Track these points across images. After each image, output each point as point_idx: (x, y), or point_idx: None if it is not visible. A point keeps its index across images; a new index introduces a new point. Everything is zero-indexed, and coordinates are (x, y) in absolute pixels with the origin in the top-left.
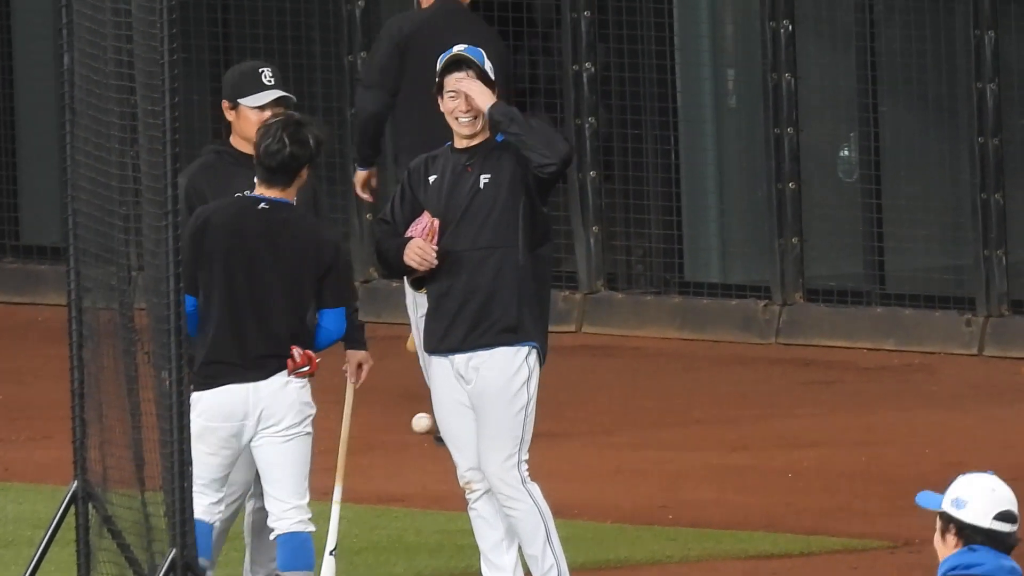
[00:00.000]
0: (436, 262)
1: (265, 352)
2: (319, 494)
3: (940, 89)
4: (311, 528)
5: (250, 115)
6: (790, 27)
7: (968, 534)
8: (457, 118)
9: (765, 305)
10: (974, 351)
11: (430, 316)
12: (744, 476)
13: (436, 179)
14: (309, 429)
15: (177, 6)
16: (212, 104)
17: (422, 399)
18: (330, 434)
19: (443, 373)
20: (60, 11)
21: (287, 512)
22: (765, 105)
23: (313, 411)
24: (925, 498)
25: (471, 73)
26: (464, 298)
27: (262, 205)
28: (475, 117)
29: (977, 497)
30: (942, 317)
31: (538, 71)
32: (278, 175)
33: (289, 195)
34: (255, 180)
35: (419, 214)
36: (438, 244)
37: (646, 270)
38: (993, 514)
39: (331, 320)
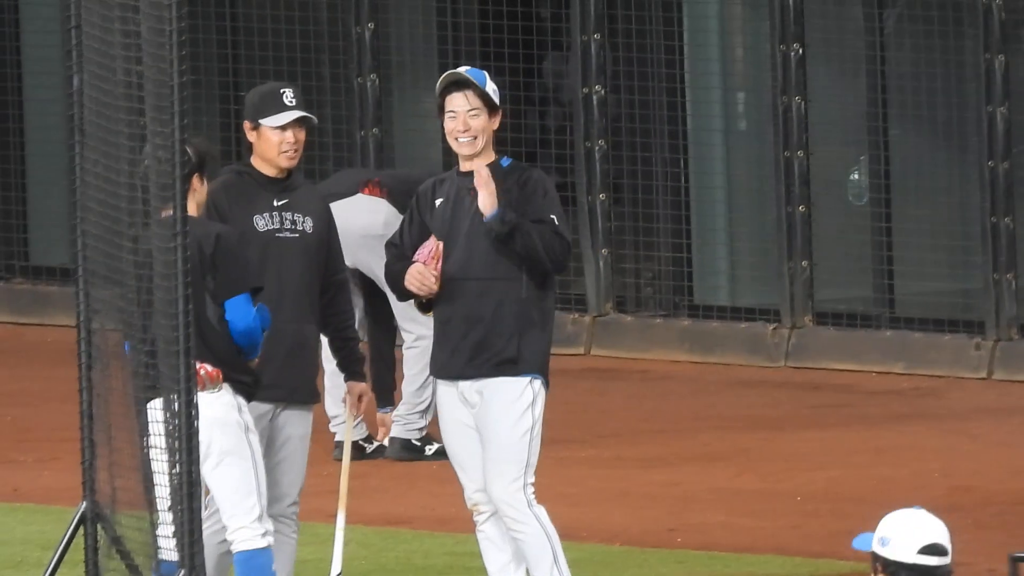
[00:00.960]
0: (436, 288)
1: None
2: (324, 516)
3: (950, 113)
4: (262, 544)
5: (271, 135)
6: (800, 51)
7: (894, 570)
8: (456, 138)
9: (774, 328)
10: (983, 375)
11: (436, 341)
12: (752, 499)
13: (442, 202)
14: (242, 450)
15: (186, 29)
16: (221, 127)
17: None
18: (327, 454)
19: (449, 396)
20: (70, 33)
21: (235, 533)
22: (775, 128)
23: (243, 425)
24: (860, 541)
25: (470, 94)
26: (466, 327)
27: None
28: (474, 137)
29: (900, 533)
30: (951, 341)
31: (548, 94)
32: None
33: (188, 210)
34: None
35: (427, 237)
36: (441, 268)
37: (655, 293)
38: (918, 548)
39: (232, 311)
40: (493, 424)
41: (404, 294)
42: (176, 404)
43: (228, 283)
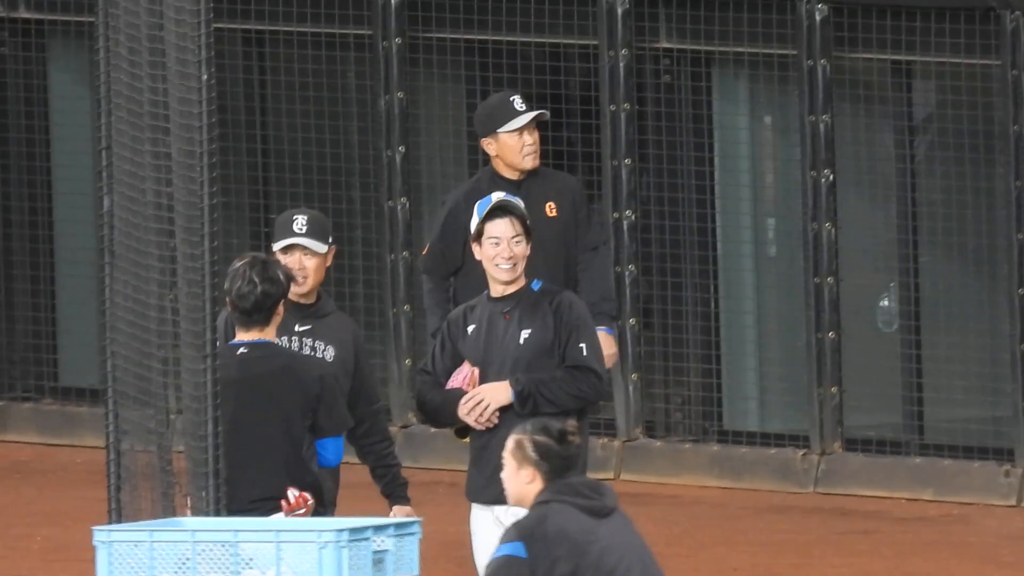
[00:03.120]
0: (496, 422)
1: (259, 495)
2: None
3: (980, 240)
4: None
5: (279, 259)
6: (831, 176)
7: None
8: (498, 264)
9: (803, 454)
10: (1013, 502)
11: (472, 465)
12: None
13: (474, 329)
14: None
15: (217, 150)
16: (251, 248)
17: (459, 545)
18: None
19: (484, 520)
20: (100, 154)
21: None
22: (805, 254)
23: None
24: None
25: (514, 220)
26: (503, 452)
27: (241, 350)
28: (515, 264)
29: None
30: (980, 468)
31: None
32: (254, 316)
33: (268, 334)
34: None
35: (459, 364)
36: None
37: (684, 418)
38: None
39: (328, 449)
40: None
41: (442, 422)
42: None
43: (330, 422)
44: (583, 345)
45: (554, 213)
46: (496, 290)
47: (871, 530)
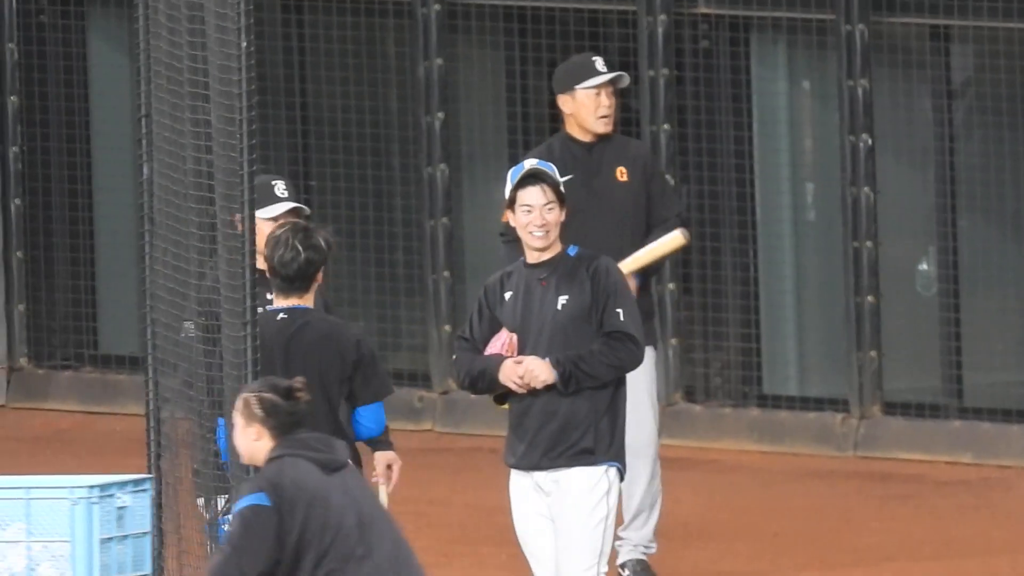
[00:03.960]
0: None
1: None
2: None
3: (1019, 204)
4: None
5: (263, 228)
6: (870, 141)
7: None
8: (532, 232)
9: (843, 418)
10: None
11: (511, 431)
12: None
13: (511, 296)
14: None
15: (256, 118)
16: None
17: (499, 511)
18: None
19: (523, 486)
20: (140, 122)
21: None
22: (844, 219)
23: None
24: None
25: (546, 188)
26: (543, 419)
27: (281, 316)
28: (548, 231)
29: None
30: (1020, 431)
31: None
32: (296, 283)
33: (307, 301)
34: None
35: (497, 331)
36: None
37: (724, 383)
38: None
39: (368, 417)
40: (569, 513)
41: (481, 388)
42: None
43: (369, 389)
44: (620, 311)
45: (624, 178)
46: (532, 256)
47: (910, 494)
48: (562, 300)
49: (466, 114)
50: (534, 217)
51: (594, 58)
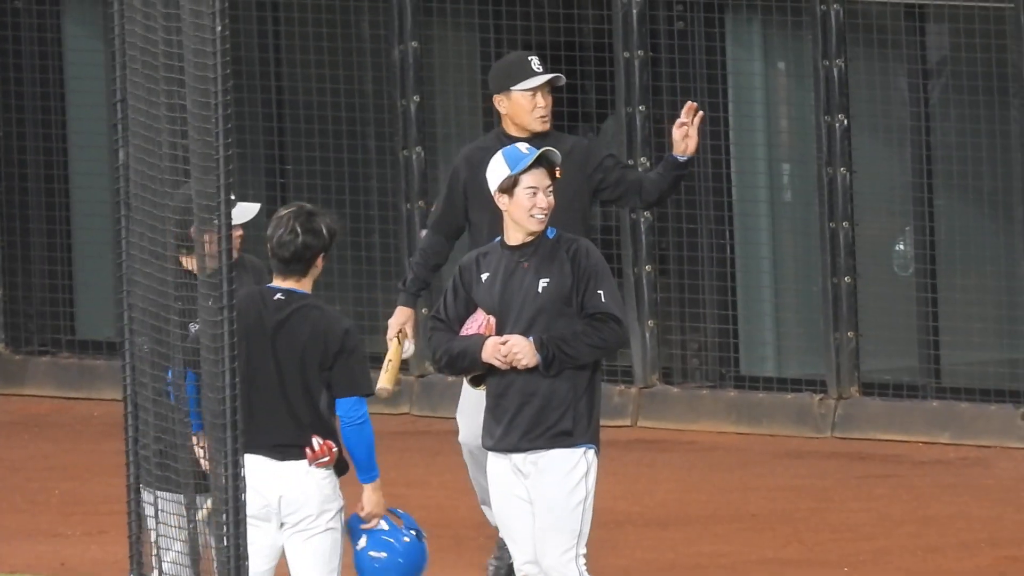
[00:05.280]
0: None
1: (284, 441)
2: None
3: (995, 183)
4: None
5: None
6: (845, 121)
7: None
8: (533, 215)
9: (820, 399)
10: None
11: (488, 414)
12: (800, 570)
13: (489, 277)
14: (334, 525)
15: (232, 102)
16: (267, 199)
17: (475, 494)
18: None
19: (501, 468)
20: (115, 107)
21: None
22: (820, 199)
23: (338, 504)
24: None
25: (547, 173)
26: (521, 401)
27: (278, 295)
28: (546, 215)
29: None
30: (998, 411)
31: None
32: (292, 265)
33: (305, 285)
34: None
35: (472, 311)
36: None
37: (701, 364)
38: None
39: (344, 408)
40: (548, 494)
41: (457, 369)
42: (223, 478)
43: (345, 381)
44: (601, 292)
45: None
46: (515, 238)
47: (889, 474)
48: (543, 283)
49: (442, 96)
50: (538, 199)
51: (530, 57)
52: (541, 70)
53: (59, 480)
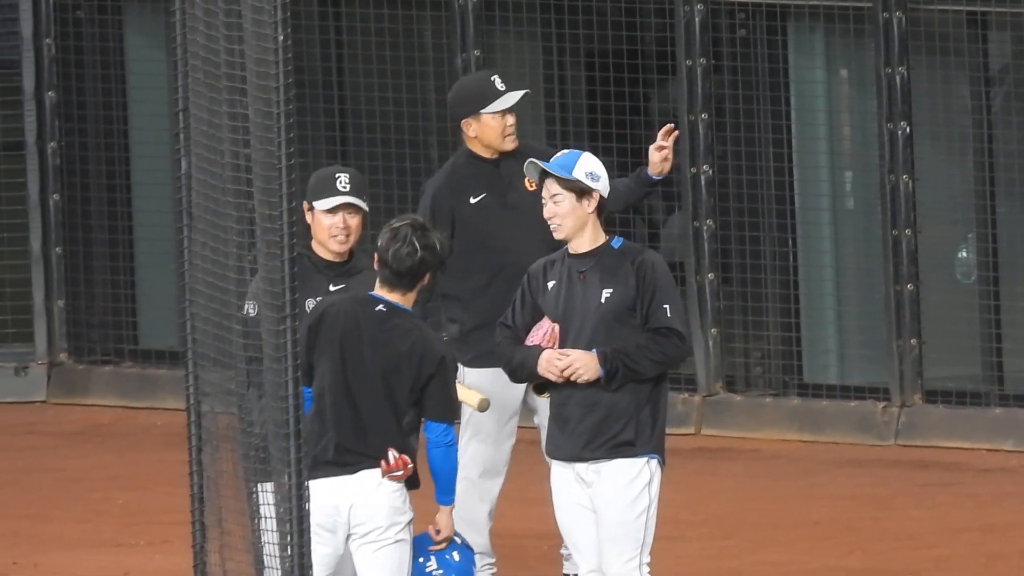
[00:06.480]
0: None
1: (359, 450)
2: None
3: None
4: None
5: (322, 218)
6: (907, 129)
7: None
8: (550, 224)
9: (884, 407)
10: None
11: (551, 422)
12: None
13: (554, 285)
14: (404, 536)
15: (294, 111)
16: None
17: (539, 503)
18: None
19: (564, 477)
20: (177, 116)
21: None
22: (883, 207)
23: (408, 517)
24: None
25: (550, 182)
26: (584, 410)
27: (379, 307)
28: (559, 224)
29: None
30: None
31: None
32: (404, 279)
33: (408, 301)
34: (376, 281)
35: (539, 318)
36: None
37: (764, 372)
38: None
39: (436, 431)
40: (611, 504)
41: (520, 377)
42: (287, 487)
43: (438, 406)
44: (667, 307)
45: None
46: (573, 246)
47: (951, 482)
48: (606, 293)
49: None
50: (546, 209)
51: (492, 77)
52: (505, 88)
53: (122, 490)
